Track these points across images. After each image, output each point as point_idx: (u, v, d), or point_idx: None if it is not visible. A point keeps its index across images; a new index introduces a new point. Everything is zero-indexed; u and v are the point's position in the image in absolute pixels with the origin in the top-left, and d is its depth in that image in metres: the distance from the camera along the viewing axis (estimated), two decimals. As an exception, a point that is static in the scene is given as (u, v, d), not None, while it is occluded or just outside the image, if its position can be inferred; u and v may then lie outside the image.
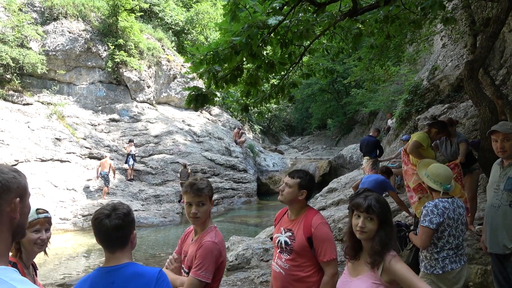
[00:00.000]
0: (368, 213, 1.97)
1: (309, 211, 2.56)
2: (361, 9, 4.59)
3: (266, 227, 10.94)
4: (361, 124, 26.26)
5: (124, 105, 18.63)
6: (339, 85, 24.82)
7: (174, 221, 13.00)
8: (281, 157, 22.08)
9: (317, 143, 28.97)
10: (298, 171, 2.57)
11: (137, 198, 14.24)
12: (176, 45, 22.57)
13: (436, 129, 5.14)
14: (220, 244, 2.22)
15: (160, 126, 18.49)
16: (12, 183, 1.24)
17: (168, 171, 16.25)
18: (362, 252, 2.04)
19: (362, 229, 1.97)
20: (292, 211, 2.58)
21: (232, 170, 17.38)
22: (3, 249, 1.23)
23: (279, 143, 32.94)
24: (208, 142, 18.72)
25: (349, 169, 16.70)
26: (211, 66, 3.66)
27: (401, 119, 11.45)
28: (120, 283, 1.76)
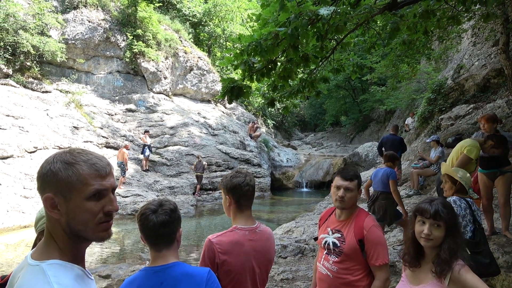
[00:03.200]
0: (435, 219, 1.86)
1: (360, 212, 2.46)
2: (401, 3, 4.42)
3: (279, 223, 10.91)
4: (377, 122, 25.96)
5: (141, 96, 18.66)
6: (356, 81, 24.51)
7: (189, 213, 13.00)
8: (294, 152, 21.94)
9: (331, 139, 28.75)
10: (348, 171, 2.46)
11: (152, 189, 14.28)
12: (193, 37, 22.51)
13: (493, 143, 4.60)
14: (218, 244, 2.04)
15: (175, 117, 18.49)
16: (48, 176, 1.13)
17: (183, 163, 16.26)
18: (424, 259, 1.93)
19: (427, 237, 1.85)
20: (343, 212, 2.48)
21: (246, 164, 17.32)
22: (63, 246, 1.16)
23: (292, 138, 32.79)
24: (223, 135, 18.68)
25: (365, 167, 16.52)
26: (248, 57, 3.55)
27: (423, 118, 11.22)
28: (169, 283, 1.70)
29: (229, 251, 2.05)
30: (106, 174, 1.19)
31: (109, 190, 1.19)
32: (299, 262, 6.10)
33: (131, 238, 9.96)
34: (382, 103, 20.70)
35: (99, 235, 1.18)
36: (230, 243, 2.07)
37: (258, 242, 2.12)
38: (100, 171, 1.17)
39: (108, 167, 1.21)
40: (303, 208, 13.28)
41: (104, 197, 1.17)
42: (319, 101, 32.28)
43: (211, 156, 16.87)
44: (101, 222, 1.17)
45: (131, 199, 12.63)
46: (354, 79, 23.22)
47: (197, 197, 14.80)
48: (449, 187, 3.09)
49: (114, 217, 1.23)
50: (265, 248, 2.14)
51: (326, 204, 10.89)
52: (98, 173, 1.16)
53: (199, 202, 14.57)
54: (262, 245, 2.14)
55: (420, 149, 10.35)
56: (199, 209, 13.85)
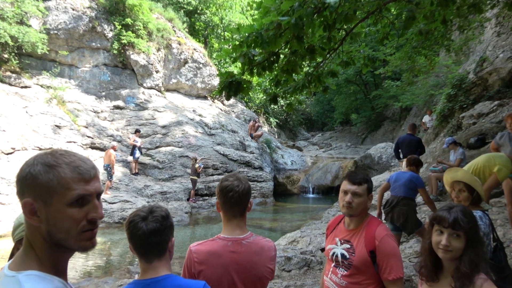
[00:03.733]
0: (454, 229, 1.86)
1: (372, 220, 2.46)
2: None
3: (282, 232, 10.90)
4: (391, 121, 25.93)
5: (130, 91, 18.68)
6: (368, 76, 24.50)
7: (183, 221, 13.00)
8: (300, 154, 21.95)
9: (340, 140, 28.74)
10: (356, 175, 2.46)
11: (142, 194, 14.28)
12: (188, 27, 22.54)
13: None
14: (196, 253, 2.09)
15: (168, 115, 18.51)
16: (27, 180, 1.14)
17: (176, 165, 16.27)
18: (443, 273, 1.93)
19: (446, 248, 1.85)
20: (352, 220, 2.48)
21: (246, 167, 17.33)
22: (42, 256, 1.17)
23: (297, 138, 32.80)
24: (221, 135, 18.70)
25: (378, 171, 16.51)
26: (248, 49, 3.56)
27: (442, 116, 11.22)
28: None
29: (205, 262, 2.07)
30: (90, 178, 1.19)
31: (94, 195, 1.19)
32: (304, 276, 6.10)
33: (119, 249, 9.96)
34: (397, 99, 20.67)
35: (82, 244, 1.18)
36: (207, 253, 2.10)
37: (242, 255, 2.11)
38: (84, 174, 1.17)
39: (93, 170, 1.22)
40: (310, 216, 13.26)
41: (88, 203, 1.18)
42: (327, 98, 32.26)
43: (207, 158, 16.88)
44: (84, 231, 1.17)
45: (119, 205, 12.64)
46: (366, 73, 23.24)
47: (191, 203, 14.80)
48: (465, 197, 3.02)
49: (99, 225, 1.23)
50: (251, 262, 2.12)
51: (335, 211, 10.87)
52: (81, 177, 1.17)
53: (194, 209, 14.57)
54: (247, 259, 2.12)
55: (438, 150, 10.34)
56: (194, 217, 13.84)
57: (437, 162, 8.59)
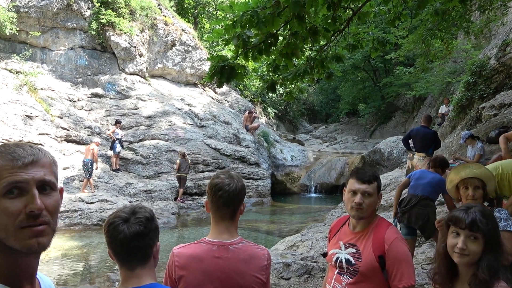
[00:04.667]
0: (471, 230, 1.87)
1: (380, 221, 2.46)
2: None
3: (281, 235, 10.93)
4: (403, 112, 25.98)
5: (110, 77, 18.60)
6: (377, 61, 24.50)
7: (169, 223, 13.02)
8: (301, 148, 21.99)
9: (346, 133, 28.79)
10: (364, 172, 2.46)
11: (124, 193, 14.28)
12: (175, 5, 22.43)
13: None
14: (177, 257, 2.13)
15: (153, 104, 18.47)
16: None
17: (162, 161, 16.26)
18: (458, 279, 1.95)
19: (462, 251, 1.87)
20: (359, 222, 2.48)
21: (241, 163, 17.35)
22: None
23: (298, 131, 32.81)
24: (213, 126, 18.70)
25: (388, 167, 16.56)
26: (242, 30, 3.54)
27: (460, 107, 11.26)
28: None
29: (186, 266, 2.10)
30: (26, 163, 1.14)
31: (31, 184, 1.14)
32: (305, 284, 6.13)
33: (97, 254, 9.97)
34: (409, 87, 20.69)
35: (24, 243, 1.12)
36: (189, 257, 2.12)
37: (228, 262, 2.11)
38: (17, 160, 1.13)
39: (33, 156, 1.16)
40: (311, 218, 13.31)
41: (26, 194, 1.13)
42: (331, 85, 32.22)
43: (197, 153, 16.88)
44: (23, 227, 1.12)
45: (97, 205, 12.63)
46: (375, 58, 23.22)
47: (179, 203, 14.83)
48: (481, 195, 3.10)
49: (49, 222, 1.17)
50: (237, 271, 2.11)
51: (340, 213, 10.90)
52: (13, 163, 1.13)
53: (182, 209, 14.60)
54: (234, 267, 2.11)
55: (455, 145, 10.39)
56: (182, 219, 13.86)
57: (454, 158, 8.64)
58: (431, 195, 5.45)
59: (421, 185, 5.51)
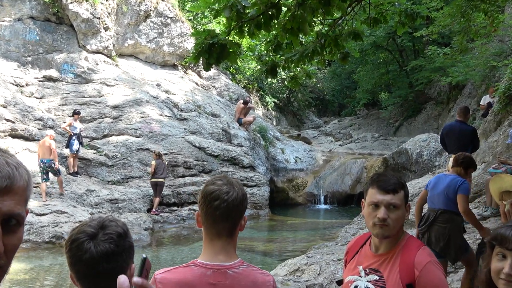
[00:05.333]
0: (522, 252, 1.86)
1: (410, 241, 2.46)
2: None
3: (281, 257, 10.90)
4: (436, 103, 26.04)
5: (67, 57, 18.53)
6: (405, 39, 24.51)
7: (141, 241, 12.99)
8: (307, 148, 22.01)
9: (364, 129, 28.80)
10: (388, 179, 2.45)
11: (83, 203, 14.26)
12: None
13: None
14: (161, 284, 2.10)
15: (122, 91, 18.42)
16: None
17: (132, 162, 16.22)
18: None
19: (510, 278, 1.87)
20: (383, 242, 2.48)
21: (232, 166, 17.33)
22: None
23: (303, 126, 32.85)
24: (196, 120, 18.67)
25: (416, 173, 16.60)
26: None
27: (508, 98, 11.28)
28: None
29: None
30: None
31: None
32: (311, 318, 6.14)
33: (51, 279, 9.94)
34: (444, 73, 20.70)
35: None
36: (176, 284, 2.09)
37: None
38: None
39: (7, 180, 1.13)
40: (320, 236, 13.33)
41: None
42: (346, 69, 32.23)
43: (177, 153, 16.85)
44: None
45: (50, 218, 12.59)
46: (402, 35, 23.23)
47: (154, 216, 14.80)
48: None
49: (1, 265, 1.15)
50: None
51: (356, 229, 10.90)
52: None
53: (157, 224, 14.57)
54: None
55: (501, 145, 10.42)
56: (157, 235, 13.84)
57: (499, 162, 8.65)
58: (450, 206, 5.37)
59: (437, 196, 5.52)
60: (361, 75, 29.34)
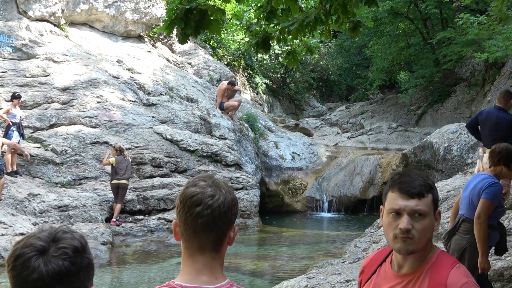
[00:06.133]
0: None
1: (441, 257, 2.47)
2: None
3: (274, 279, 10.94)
4: (468, 85, 26.15)
5: (4, 25, 18.44)
6: (430, 4, 24.57)
7: (98, 258, 12.95)
8: (307, 142, 22.07)
9: (379, 117, 28.87)
10: (411, 179, 2.44)
11: (25, 211, 14.21)
12: None
13: None
14: None
15: (73, 69, 18.35)
16: None
17: (86, 159, 16.16)
18: None
19: None
20: (407, 260, 2.48)
21: (212, 164, 17.35)
22: None
23: (303, 114, 32.92)
24: (168, 105, 18.65)
25: (444, 173, 16.69)
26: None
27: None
28: None
29: None
30: None
31: None
32: None
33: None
34: (479, 47, 20.77)
35: None
36: None
37: None
38: None
39: None
40: (323, 251, 13.39)
41: None
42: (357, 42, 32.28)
43: (143, 147, 16.83)
44: None
45: (-17, 230, 12.55)
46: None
47: (114, 226, 14.77)
48: None
49: None
50: None
51: (368, 243, 10.95)
52: None
53: (118, 236, 14.53)
54: None
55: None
56: (118, 251, 13.84)
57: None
58: (472, 213, 5.41)
59: (463, 199, 5.65)
60: (375, 50, 29.37)
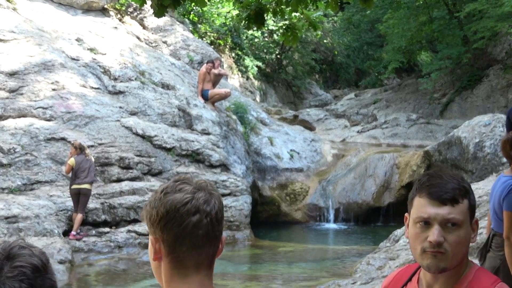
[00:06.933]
0: None
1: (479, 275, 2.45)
2: None
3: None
4: (504, 68, 26.32)
5: None
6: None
7: (55, 279, 12.99)
8: (308, 137, 22.26)
9: (395, 107, 29.11)
10: (443, 181, 2.41)
11: (-36, 222, 14.25)
12: None
13: None
14: None
15: (22, 49, 18.42)
16: None
17: (39, 159, 16.20)
18: None
19: None
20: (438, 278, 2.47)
21: (193, 164, 17.46)
22: None
23: (303, 103, 33.15)
24: (139, 94, 18.74)
25: (475, 174, 16.80)
26: None
27: None
28: None
29: None
30: None
31: None
32: None
33: None
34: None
35: None
36: None
37: None
38: None
39: None
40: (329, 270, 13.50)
41: None
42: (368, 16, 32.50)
43: (109, 144, 16.89)
44: None
45: None
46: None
47: (74, 241, 14.74)
48: None
49: None
50: None
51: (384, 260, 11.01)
52: None
53: (79, 253, 14.57)
54: None
55: None
56: (79, 272, 13.95)
57: None
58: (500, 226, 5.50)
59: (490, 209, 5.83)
60: (391, 26, 29.65)
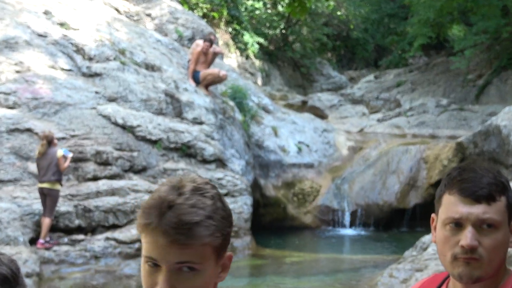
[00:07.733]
0: None
1: None
2: None
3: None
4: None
5: None
6: None
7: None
8: (320, 126, 22.24)
9: (422, 91, 28.97)
10: (478, 175, 2.35)
11: None
12: None
13: None
14: None
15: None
16: None
17: (1, 154, 16.20)
18: None
19: None
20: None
21: (184, 159, 17.46)
22: None
23: (312, 87, 33.00)
24: (118, 76, 18.73)
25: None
26: None
27: None
28: None
29: None
30: None
31: None
32: None
33: None
34: None
35: None
36: None
37: None
38: None
39: None
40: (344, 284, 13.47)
41: None
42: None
43: (83, 136, 16.89)
44: None
45: None
46: None
47: (43, 250, 14.78)
48: None
49: None
50: None
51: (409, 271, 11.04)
52: None
53: (49, 265, 14.56)
54: None
55: None
56: (48, 286, 13.94)
57: None
58: None
59: None
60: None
